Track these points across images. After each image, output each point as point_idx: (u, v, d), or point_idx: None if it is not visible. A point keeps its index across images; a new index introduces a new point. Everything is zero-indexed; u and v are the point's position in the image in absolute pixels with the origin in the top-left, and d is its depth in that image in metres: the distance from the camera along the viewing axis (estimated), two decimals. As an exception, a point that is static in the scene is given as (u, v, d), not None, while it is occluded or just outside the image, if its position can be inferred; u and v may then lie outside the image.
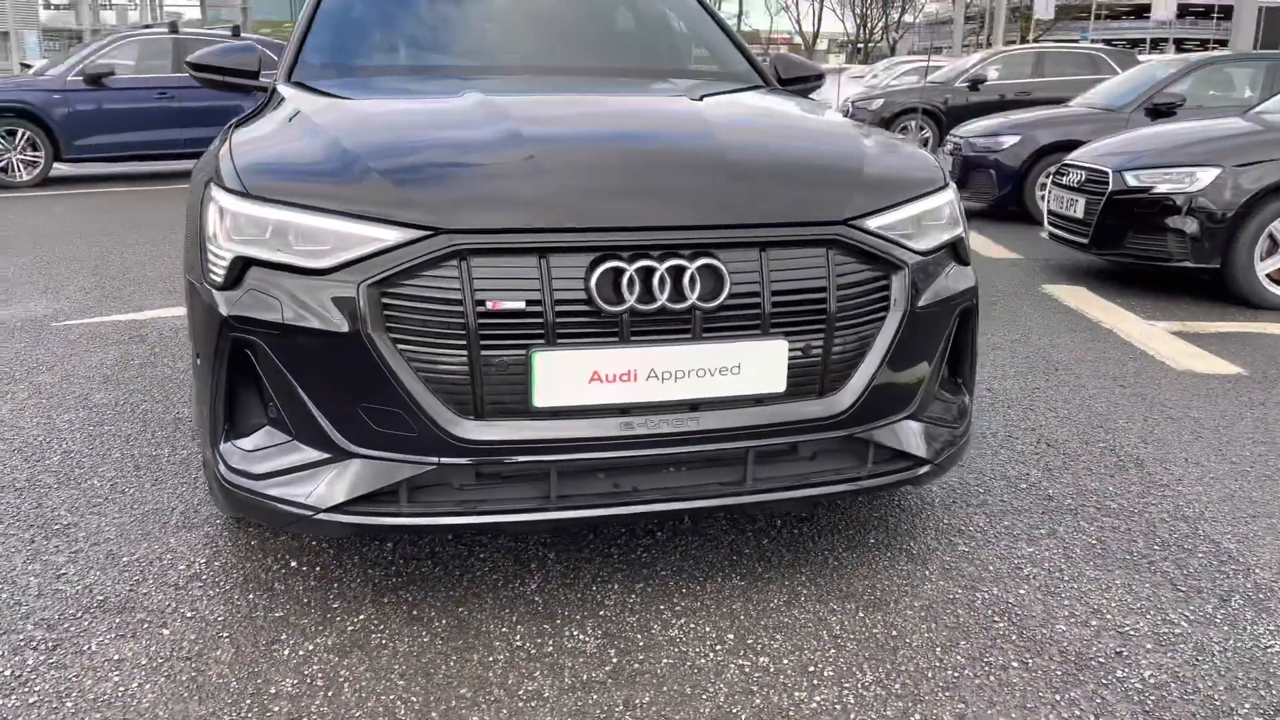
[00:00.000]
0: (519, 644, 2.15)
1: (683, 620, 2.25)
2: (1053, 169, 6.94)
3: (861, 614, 2.28)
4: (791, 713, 1.93)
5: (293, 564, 2.47)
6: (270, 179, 2.17)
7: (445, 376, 2.03)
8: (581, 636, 2.18)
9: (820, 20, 70.72)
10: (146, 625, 2.21)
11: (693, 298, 2.07)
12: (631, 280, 2.04)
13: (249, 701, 1.95)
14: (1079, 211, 6.09)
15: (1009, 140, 8.69)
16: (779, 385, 2.16)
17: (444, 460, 2.06)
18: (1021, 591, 2.39)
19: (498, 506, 2.12)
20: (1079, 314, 5.32)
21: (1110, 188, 5.81)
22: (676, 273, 2.06)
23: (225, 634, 2.17)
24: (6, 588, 2.37)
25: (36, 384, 3.92)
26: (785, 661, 2.10)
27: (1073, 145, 7.23)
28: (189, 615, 2.25)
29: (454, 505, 2.11)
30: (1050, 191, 6.59)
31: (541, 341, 2.03)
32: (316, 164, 2.23)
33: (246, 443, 2.19)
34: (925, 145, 11.06)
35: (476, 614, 2.26)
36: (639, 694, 1.98)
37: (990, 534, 2.68)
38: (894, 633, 2.20)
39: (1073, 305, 5.51)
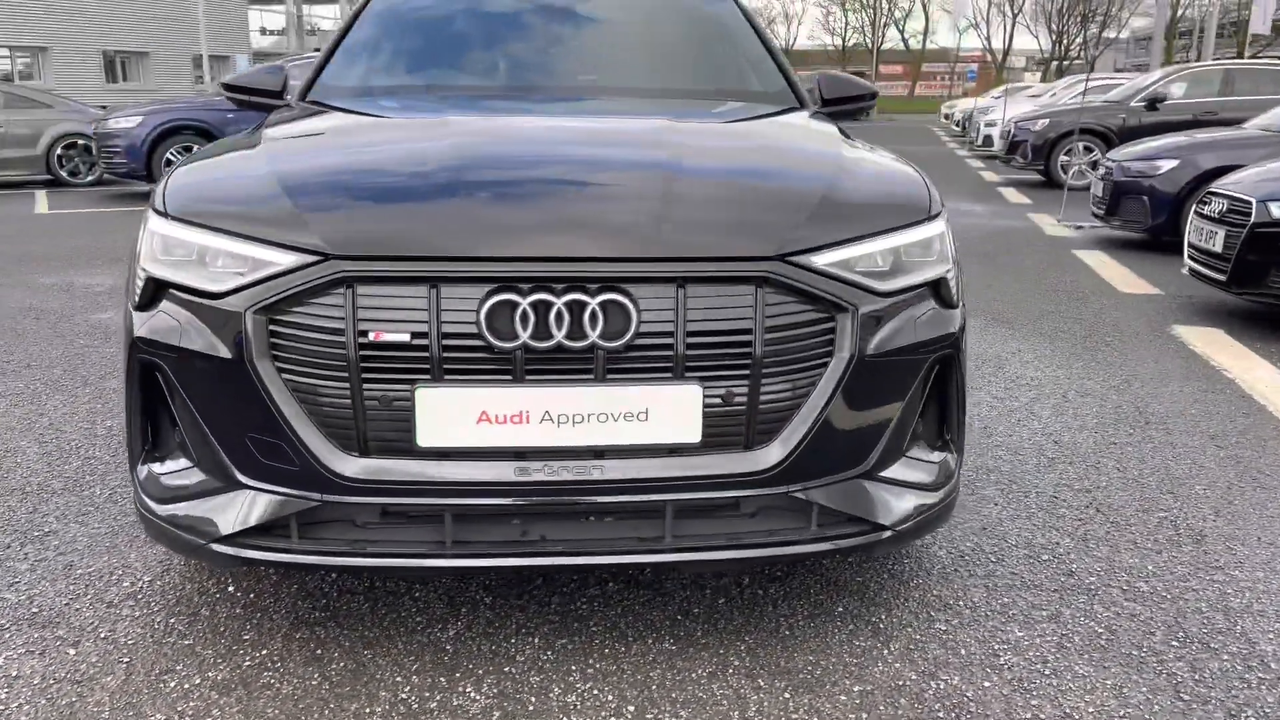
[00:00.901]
0: (404, 696, 2.02)
1: (589, 685, 2.06)
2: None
3: (788, 694, 2.03)
4: (661, 805, 1.72)
5: (230, 589, 2.43)
6: (190, 201, 2.13)
7: (328, 410, 1.93)
8: (474, 694, 2.03)
9: (1011, 37, 68.02)
10: (59, 643, 2.21)
11: (594, 336, 1.89)
12: (526, 315, 1.89)
13: (113, 734, 1.90)
14: (1218, 245, 5.47)
15: (1166, 165, 7.97)
16: (692, 435, 1.95)
17: (327, 497, 1.96)
18: (987, 684, 2.08)
19: (391, 549, 2.00)
20: (1202, 359, 4.76)
21: (1253, 219, 5.20)
22: (577, 308, 1.89)
23: (126, 659, 2.14)
24: (-40, 592, 2.43)
25: (102, 389, 4.10)
26: (680, 743, 1.89)
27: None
28: (103, 636, 2.23)
29: (345, 545, 2.00)
30: (1191, 222, 5.97)
31: (427, 377, 1.90)
32: (237, 188, 2.18)
33: (160, 467, 2.16)
34: (1093, 169, 10.26)
35: (379, 659, 2.15)
36: None
37: (982, 611, 2.37)
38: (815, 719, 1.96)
39: (1199, 349, 4.94)
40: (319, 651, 2.17)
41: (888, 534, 2.13)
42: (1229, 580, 2.53)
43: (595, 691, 2.04)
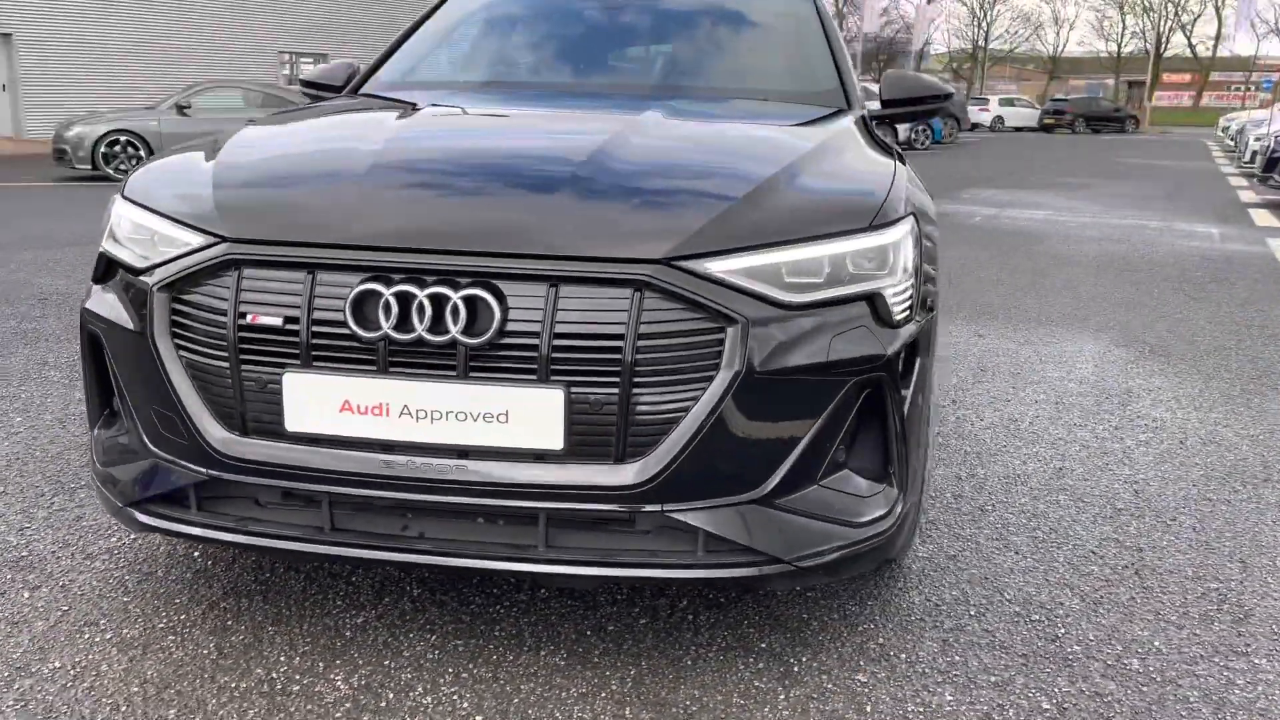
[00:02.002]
0: (274, 676, 2.04)
1: (453, 690, 2.01)
2: None
3: (645, 729, 1.90)
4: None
5: (195, 555, 2.55)
6: (144, 185, 2.25)
7: (215, 389, 1.99)
8: (339, 684, 2.02)
9: (1322, 43, 60.85)
10: (22, 586, 2.39)
11: (455, 331, 1.84)
12: (389, 305, 1.86)
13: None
14: None
15: None
16: (555, 442, 1.86)
17: (212, 473, 2.02)
18: (872, 749, 1.85)
19: (273, 530, 2.03)
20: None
21: None
22: (441, 302, 1.85)
23: (65, 607, 2.29)
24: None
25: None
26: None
27: None
28: (61, 585, 2.39)
29: (233, 522, 2.06)
30: None
31: (296, 362, 1.91)
32: (184, 175, 2.27)
33: (105, 431, 2.30)
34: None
35: (278, 636, 2.19)
36: None
37: (919, 668, 2.11)
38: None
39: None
40: (229, 622, 2.24)
41: (778, 567, 1.94)
42: (1248, 670, 2.14)
43: (455, 698, 1.98)
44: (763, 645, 2.19)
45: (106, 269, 2.21)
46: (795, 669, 2.10)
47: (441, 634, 2.20)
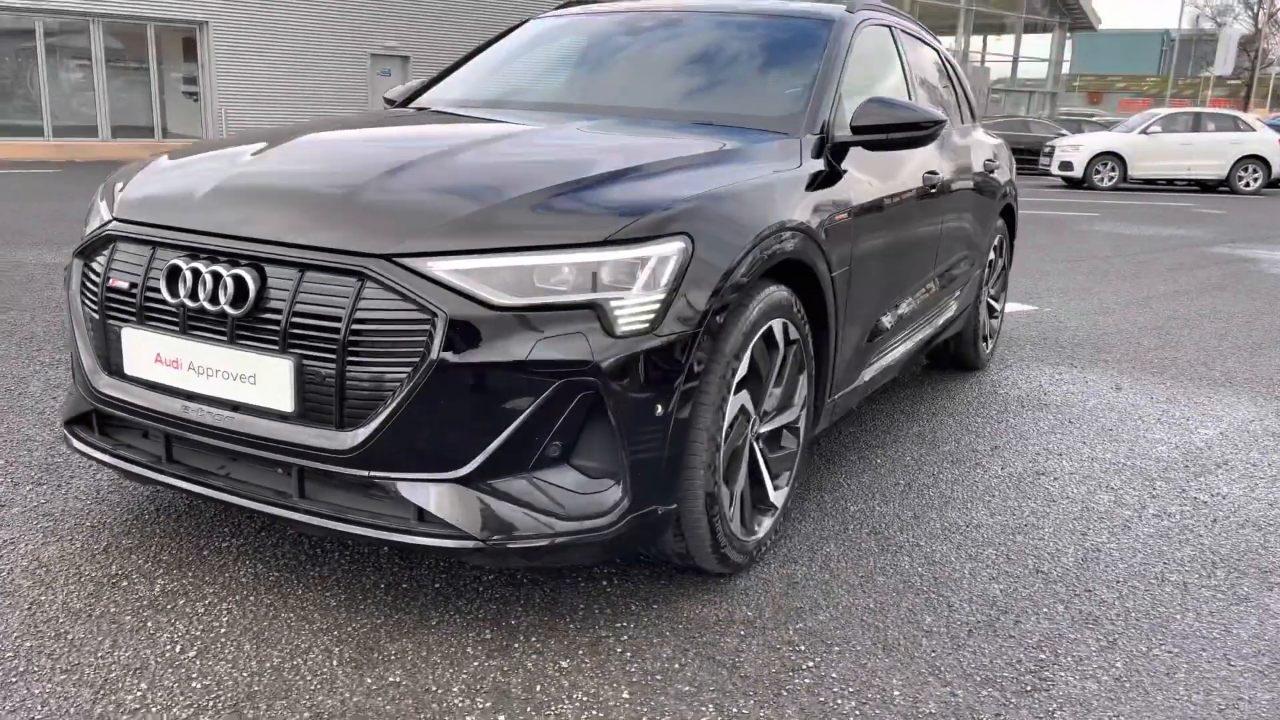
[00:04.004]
0: (176, 628, 2.46)
1: (283, 636, 2.36)
2: None
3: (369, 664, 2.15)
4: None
5: (183, 507, 3.10)
6: (114, 180, 2.80)
7: (94, 337, 2.49)
8: (184, 628, 2.44)
9: None
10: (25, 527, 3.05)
11: (224, 304, 2.21)
12: (186, 278, 2.26)
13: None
14: None
15: None
16: (287, 404, 2.17)
17: (95, 405, 2.53)
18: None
19: (133, 456, 2.51)
20: None
21: None
22: (218, 277, 2.23)
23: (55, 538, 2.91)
24: None
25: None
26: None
27: None
28: (46, 525, 3.02)
29: (109, 446, 2.56)
30: None
31: (133, 319, 2.37)
32: (142, 170, 2.80)
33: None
34: None
35: (192, 589, 2.65)
36: (133, 685, 2.20)
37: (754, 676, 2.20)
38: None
39: None
40: (158, 569, 2.72)
41: (472, 543, 2.13)
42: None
43: (304, 650, 2.33)
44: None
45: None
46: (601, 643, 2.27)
47: (321, 592, 2.58)
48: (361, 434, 2.12)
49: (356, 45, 22.77)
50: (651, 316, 2.17)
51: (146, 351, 2.34)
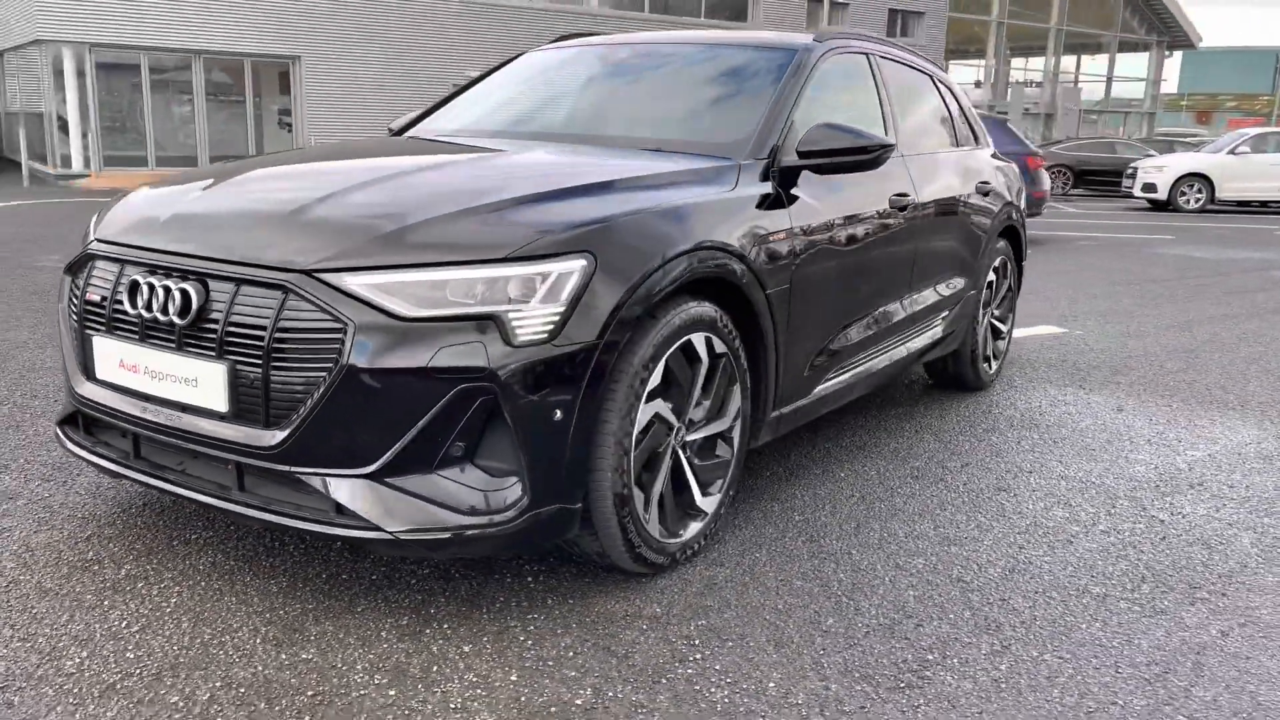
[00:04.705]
0: (128, 607, 2.74)
1: (206, 619, 2.61)
2: None
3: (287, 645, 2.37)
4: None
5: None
6: (107, 203, 3.12)
7: (75, 345, 2.78)
8: (134, 607, 2.70)
9: None
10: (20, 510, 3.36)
11: (172, 314, 2.46)
12: (143, 291, 2.53)
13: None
14: None
15: None
16: (222, 405, 2.41)
17: (79, 407, 2.82)
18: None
19: (108, 454, 2.78)
20: None
21: None
22: (168, 291, 2.49)
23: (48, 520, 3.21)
24: None
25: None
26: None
27: None
28: (41, 515, 3.33)
29: (89, 444, 2.83)
30: None
31: (102, 329, 2.65)
32: (128, 195, 3.10)
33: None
34: None
35: (170, 565, 2.92)
36: (76, 654, 2.47)
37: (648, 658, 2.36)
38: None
39: None
40: (100, 555, 3.01)
41: (379, 534, 2.32)
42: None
43: (231, 631, 2.58)
44: (534, 628, 2.55)
45: (83, 262, 3.11)
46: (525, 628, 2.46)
47: (260, 578, 2.82)
48: (281, 433, 2.35)
49: (436, 75, 23.50)
50: (550, 328, 2.34)
51: (113, 358, 2.61)
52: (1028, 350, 6.08)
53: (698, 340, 2.76)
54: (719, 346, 2.85)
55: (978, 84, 51.42)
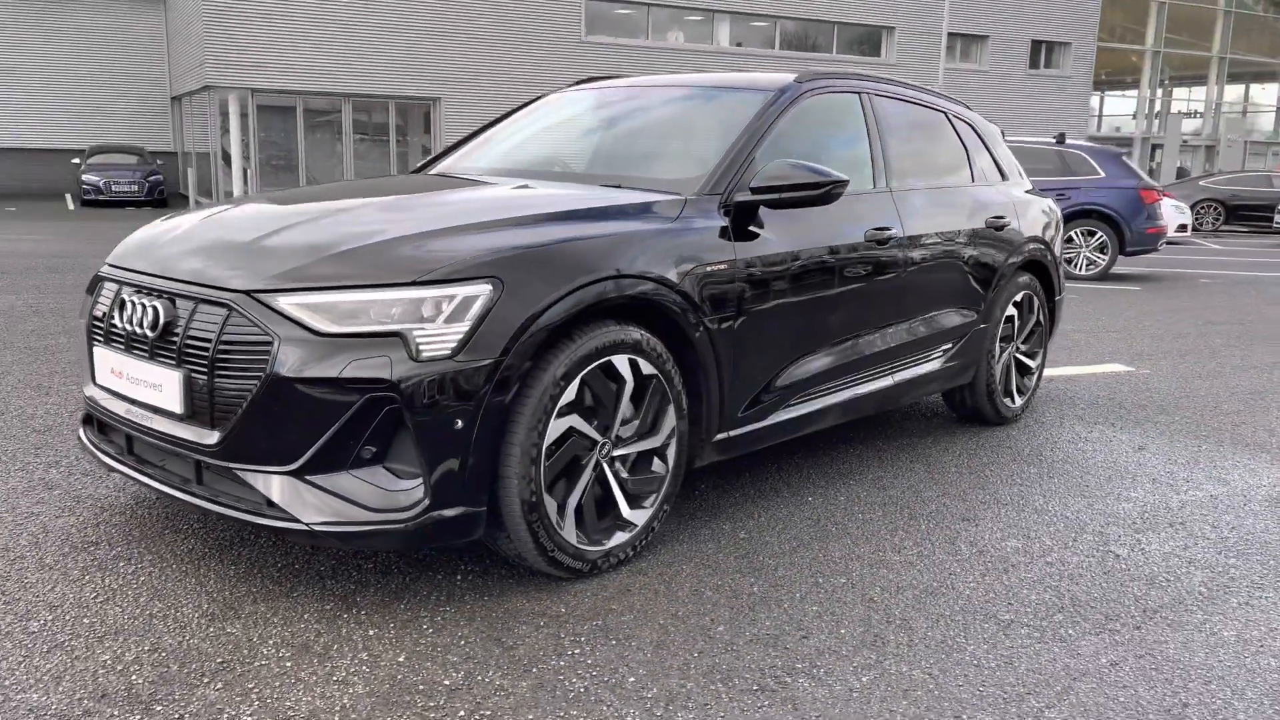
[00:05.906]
0: (103, 583, 3.15)
1: (156, 592, 2.97)
2: None
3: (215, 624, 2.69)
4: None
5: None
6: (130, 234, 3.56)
7: (88, 354, 3.21)
8: (108, 582, 3.09)
9: None
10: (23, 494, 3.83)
11: (145, 328, 2.85)
12: (128, 307, 2.93)
13: None
14: None
15: None
16: (179, 407, 2.77)
17: (88, 407, 3.25)
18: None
19: (108, 449, 3.19)
20: None
21: None
22: (144, 307, 2.87)
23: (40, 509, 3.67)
24: None
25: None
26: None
27: None
28: (30, 511, 3.79)
29: (97, 440, 3.25)
30: None
31: (101, 339, 3.07)
32: (144, 226, 3.53)
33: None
34: None
35: (154, 550, 3.32)
36: (44, 616, 2.86)
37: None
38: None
39: None
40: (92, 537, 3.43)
41: (302, 527, 2.62)
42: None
43: (211, 620, 2.95)
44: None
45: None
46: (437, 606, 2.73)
47: (218, 568, 3.18)
48: (219, 432, 2.68)
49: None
50: (454, 345, 2.60)
51: (106, 365, 3.02)
52: (1078, 388, 5.98)
53: (619, 362, 2.96)
54: (646, 368, 3.04)
55: (1196, 113, 46.14)
